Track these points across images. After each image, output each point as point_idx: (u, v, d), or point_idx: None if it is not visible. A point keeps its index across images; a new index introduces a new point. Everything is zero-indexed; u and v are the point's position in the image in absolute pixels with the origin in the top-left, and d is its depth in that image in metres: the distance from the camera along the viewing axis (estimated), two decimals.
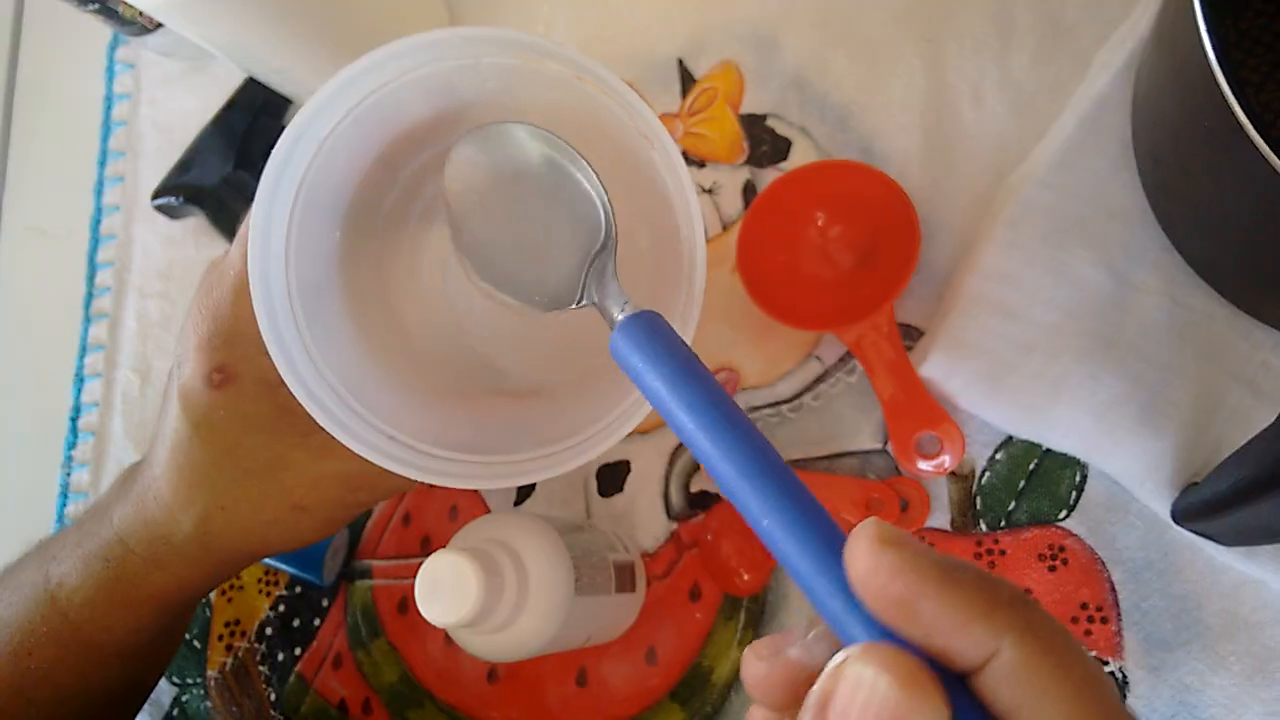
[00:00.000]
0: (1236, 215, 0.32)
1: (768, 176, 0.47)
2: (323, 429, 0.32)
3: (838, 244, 0.44)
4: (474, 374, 0.39)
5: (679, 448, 0.46)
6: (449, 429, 0.34)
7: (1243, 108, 0.28)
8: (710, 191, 0.48)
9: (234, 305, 0.33)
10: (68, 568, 0.37)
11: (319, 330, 0.31)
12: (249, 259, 0.30)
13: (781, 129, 0.48)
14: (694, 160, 0.49)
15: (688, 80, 0.50)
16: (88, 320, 0.60)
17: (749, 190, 0.47)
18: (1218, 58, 0.28)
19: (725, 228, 0.47)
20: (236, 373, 0.34)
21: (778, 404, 0.45)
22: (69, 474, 0.58)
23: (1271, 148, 0.27)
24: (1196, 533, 0.37)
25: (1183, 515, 0.37)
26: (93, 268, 0.61)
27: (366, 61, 0.31)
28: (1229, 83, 0.27)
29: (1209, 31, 0.28)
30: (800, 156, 0.47)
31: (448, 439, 0.33)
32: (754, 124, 0.48)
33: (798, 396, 0.45)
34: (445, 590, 0.34)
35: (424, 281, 0.39)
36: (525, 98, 0.33)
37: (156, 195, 0.57)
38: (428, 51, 0.32)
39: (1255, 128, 0.27)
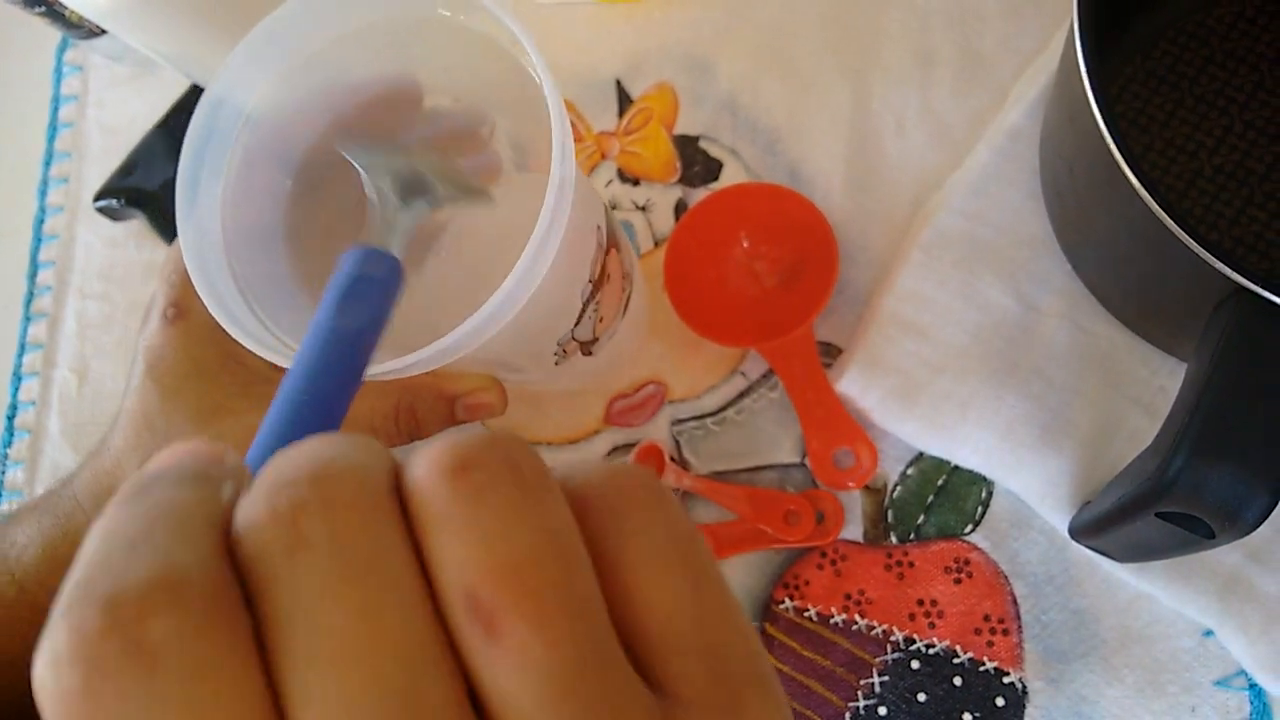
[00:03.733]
0: (1123, 247, 0.34)
1: (699, 196, 0.48)
2: (263, 380, 0.33)
3: (762, 264, 0.46)
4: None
5: (606, 458, 0.47)
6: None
7: (1121, 144, 0.29)
8: (644, 209, 0.49)
9: None
10: (26, 528, 0.38)
11: (257, 271, 0.32)
12: (178, 203, 0.31)
13: (714, 150, 0.49)
14: (629, 178, 0.50)
15: (625, 100, 0.51)
16: (27, 319, 0.60)
17: (681, 209, 0.49)
18: (1096, 96, 0.29)
19: (657, 244, 0.49)
20: (188, 308, 0.36)
21: (702, 417, 0.46)
22: (3, 472, 0.58)
23: (1155, 181, 0.29)
24: (1092, 549, 0.39)
25: (1078, 531, 0.38)
26: (34, 267, 0.61)
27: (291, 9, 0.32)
28: (1105, 119, 0.29)
29: (1089, 69, 0.29)
30: (731, 177, 0.48)
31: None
32: (687, 145, 0.49)
33: (722, 410, 0.46)
34: None
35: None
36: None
37: (99, 197, 0.57)
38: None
39: (1128, 162, 0.29)
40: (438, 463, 0.15)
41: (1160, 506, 0.29)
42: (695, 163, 0.49)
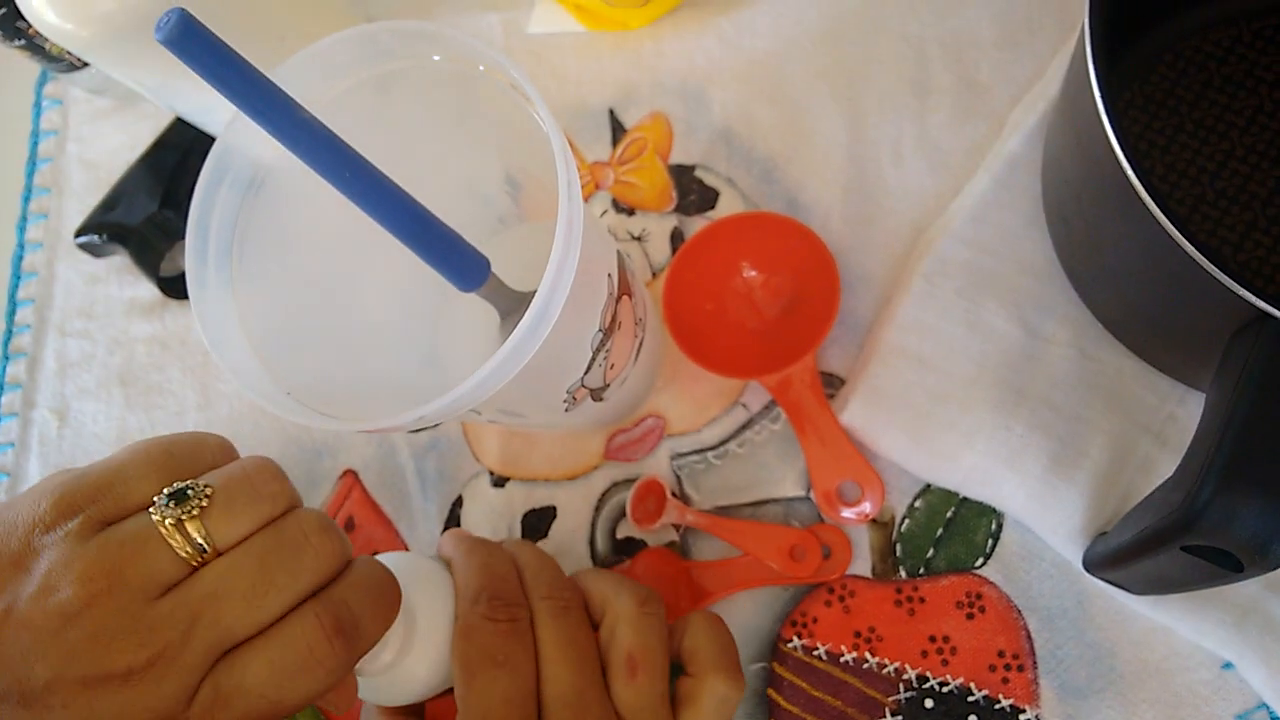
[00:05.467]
0: (1136, 274, 0.34)
1: (695, 225, 0.48)
2: None
3: (763, 293, 0.45)
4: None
5: (605, 493, 0.46)
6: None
7: (1139, 171, 0.29)
8: (639, 239, 0.48)
9: None
10: None
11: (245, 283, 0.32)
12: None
13: (709, 179, 0.48)
14: (624, 208, 0.49)
15: (618, 130, 0.50)
16: (6, 358, 0.58)
17: (677, 238, 0.48)
18: (1112, 123, 0.29)
19: (655, 274, 0.48)
20: None
21: (703, 451, 0.45)
22: None
23: (1171, 208, 0.29)
24: (1107, 581, 0.38)
25: (1092, 564, 0.37)
26: (13, 305, 0.59)
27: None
28: (1121, 146, 0.28)
29: (1104, 97, 0.29)
30: (727, 206, 0.48)
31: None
32: (683, 174, 0.49)
33: (723, 444, 0.45)
34: None
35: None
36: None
37: (80, 233, 0.56)
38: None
39: (1148, 190, 0.28)
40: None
41: (1187, 540, 0.28)
42: (691, 192, 0.48)
